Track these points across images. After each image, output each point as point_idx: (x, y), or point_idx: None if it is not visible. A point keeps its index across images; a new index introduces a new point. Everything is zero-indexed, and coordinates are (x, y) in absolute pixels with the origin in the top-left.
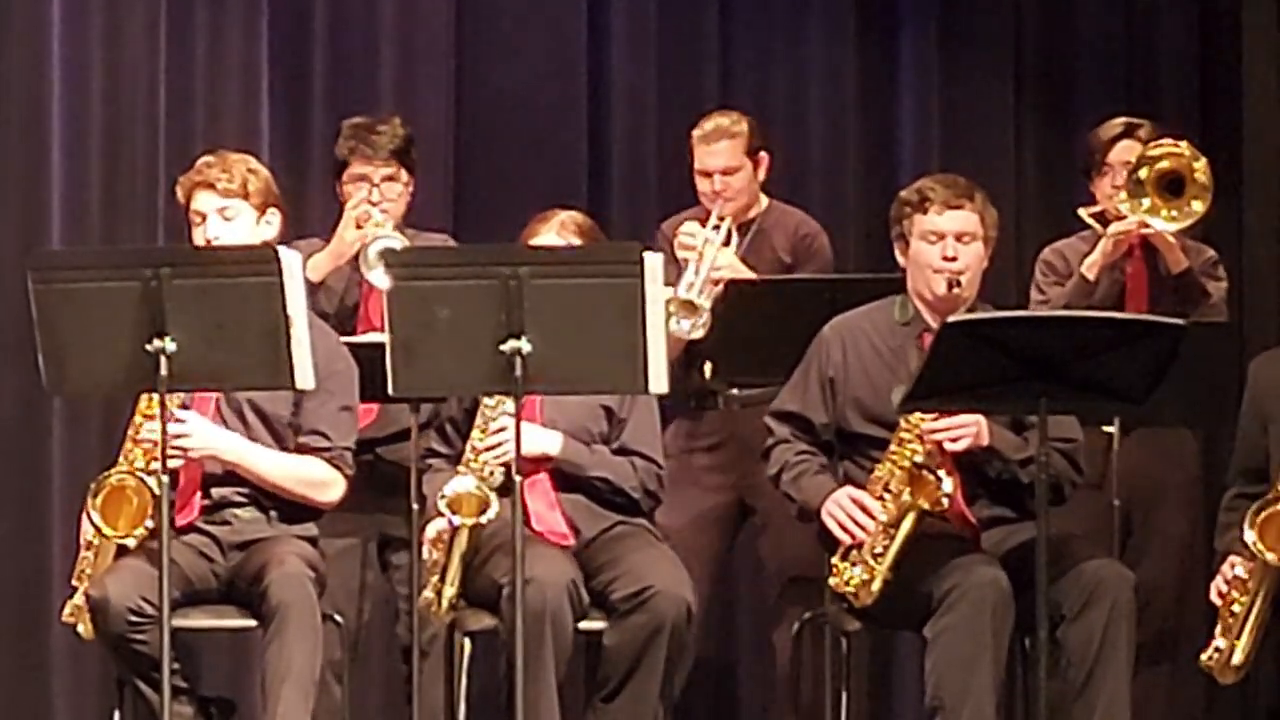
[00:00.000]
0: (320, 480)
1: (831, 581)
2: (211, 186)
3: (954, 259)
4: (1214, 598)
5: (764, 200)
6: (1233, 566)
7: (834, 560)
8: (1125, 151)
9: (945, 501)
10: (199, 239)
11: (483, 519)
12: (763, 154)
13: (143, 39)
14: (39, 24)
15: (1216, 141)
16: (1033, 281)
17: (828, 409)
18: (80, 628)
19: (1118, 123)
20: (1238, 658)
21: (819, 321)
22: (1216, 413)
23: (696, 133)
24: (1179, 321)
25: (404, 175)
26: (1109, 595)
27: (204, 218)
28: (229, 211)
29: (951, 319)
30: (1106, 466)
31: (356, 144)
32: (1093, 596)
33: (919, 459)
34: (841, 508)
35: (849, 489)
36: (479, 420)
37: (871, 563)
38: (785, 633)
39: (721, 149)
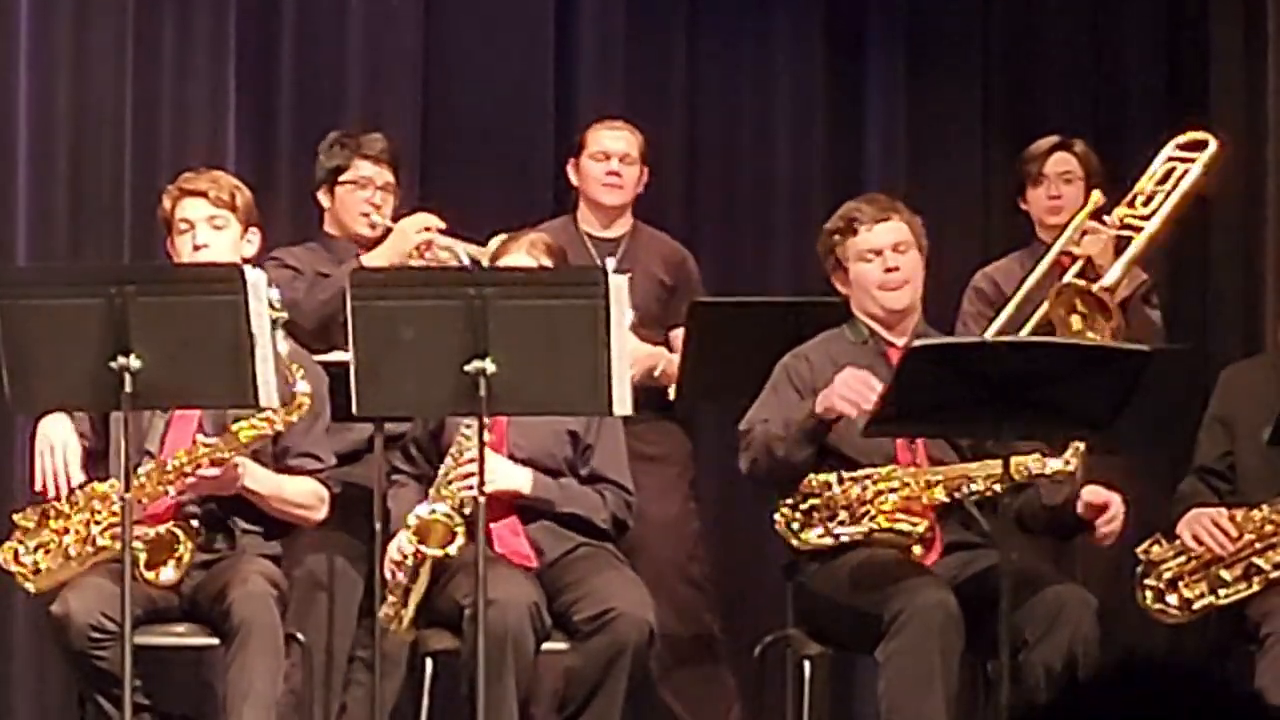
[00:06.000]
0: (317, 501)
1: (777, 517)
2: (203, 195)
3: (896, 269)
4: (1189, 540)
5: (629, 220)
6: (1231, 519)
7: (784, 506)
8: (1060, 163)
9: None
10: (185, 246)
11: (450, 550)
12: (646, 169)
13: (110, 57)
14: (6, 40)
15: None
16: (961, 312)
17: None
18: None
19: (1053, 137)
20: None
21: (781, 343)
22: (1181, 438)
23: (597, 125)
24: (1143, 348)
25: (395, 185)
26: (1072, 620)
27: (192, 225)
28: (218, 221)
29: (917, 344)
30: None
31: (358, 146)
32: (1056, 622)
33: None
34: (858, 382)
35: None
36: (454, 449)
37: (828, 528)
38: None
39: (624, 137)
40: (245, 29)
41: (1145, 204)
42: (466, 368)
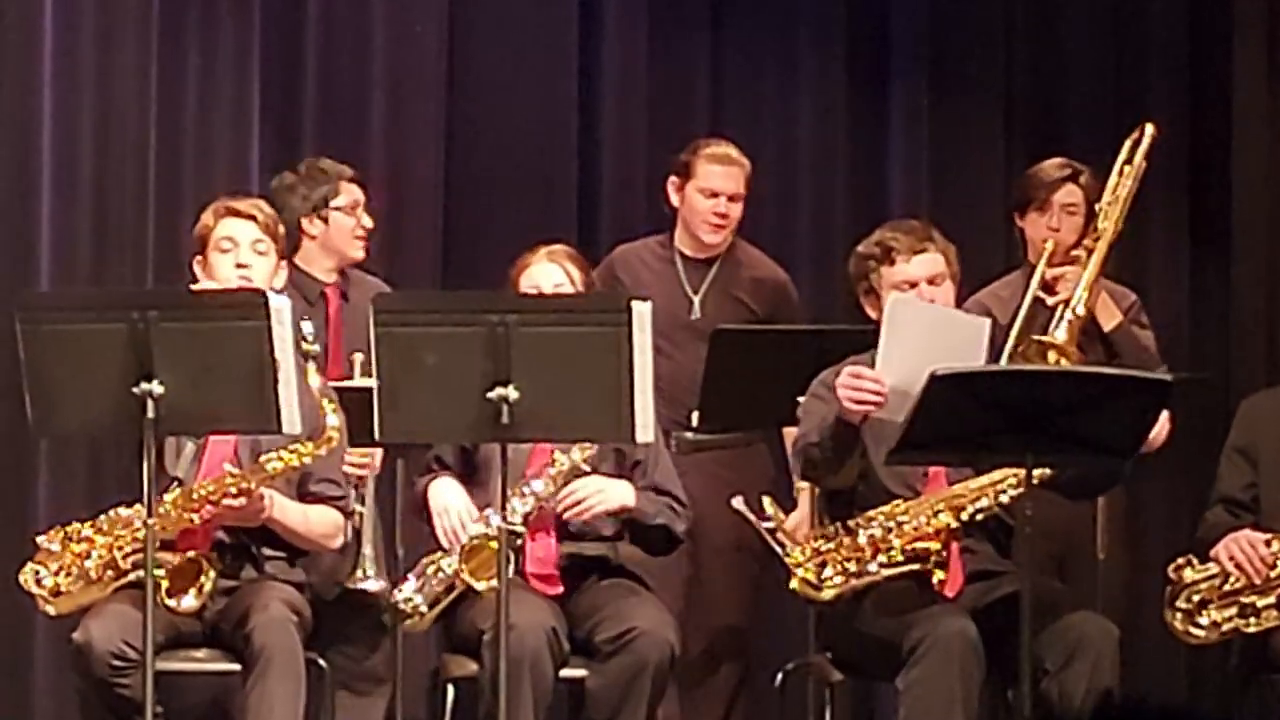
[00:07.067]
0: (335, 530)
1: (794, 584)
2: (252, 218)
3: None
4: (1226, 562)
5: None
6: (1268, 544)
7: (793, 554)
8: (1068, 195)
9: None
10: (224, 264)
11: (487, 585)
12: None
13: (134, 80)
14: (30, 63)
15: (1206, 193)
16: None
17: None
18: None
19: (1063, 164)
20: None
21: (805, 370)
22: (1203, 468)
23: (706, 151)
24: (1166, 377)
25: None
26: (1093, 649)
27: (236, 244)
28: (261, 246)
29: (939, 371)
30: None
31: (338, 171)
32: (1077, 650)
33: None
34: (852, 379)
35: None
36: (548, 476)
37: (843, 575)
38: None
39: (735, 174)
40: (269, 54)
41: (1104, 221)
42: (489, 394)
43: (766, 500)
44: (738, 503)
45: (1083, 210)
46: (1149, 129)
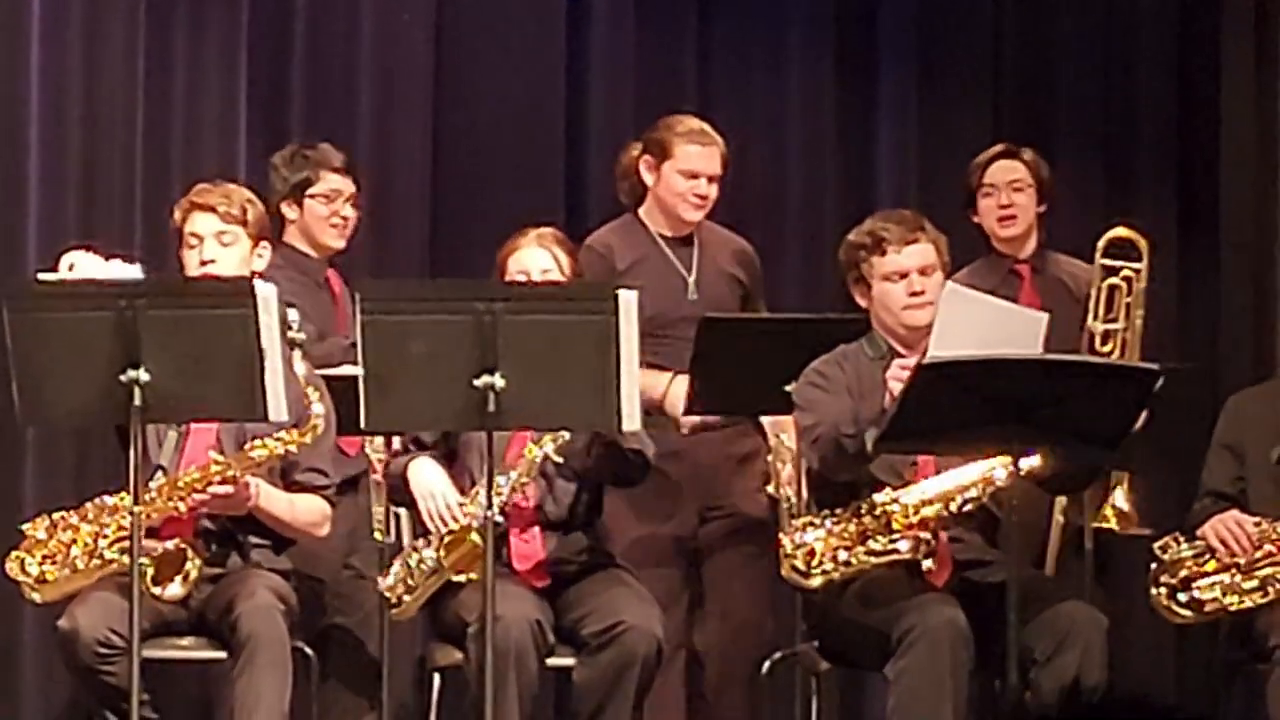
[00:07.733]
0: (322, 519)
1: (784, 570)
2: (213, 210)
3: (921, 292)
4: (1213, 539)
5: None
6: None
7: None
8: (1008, 171)
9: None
10: (192, 262)
11: (462, 578)
12: None
13: (121, 68)
14: (17, 53)
15: (1193, 189)
16: None
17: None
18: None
19: (1000, 147)
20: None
21: (793, 358)
22: (1190, 459)
23: (682, 130)
24: (1154, 366)
25: (357, 195)
26: (1082, 638)
27: (201, 240)
28: (226, 237)
29: (927, 361)
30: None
31: (324, 158)
32: (1066, 639)
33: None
34: (904, 371)
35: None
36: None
37: (832, 561)
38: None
39: (714, 154)
40: (257, 44)
41: (1105, 342)
42: (475, 382)
43: (785, 435)
44: (767, 421)
45: (1032, 186)
46: (1143, 247)
